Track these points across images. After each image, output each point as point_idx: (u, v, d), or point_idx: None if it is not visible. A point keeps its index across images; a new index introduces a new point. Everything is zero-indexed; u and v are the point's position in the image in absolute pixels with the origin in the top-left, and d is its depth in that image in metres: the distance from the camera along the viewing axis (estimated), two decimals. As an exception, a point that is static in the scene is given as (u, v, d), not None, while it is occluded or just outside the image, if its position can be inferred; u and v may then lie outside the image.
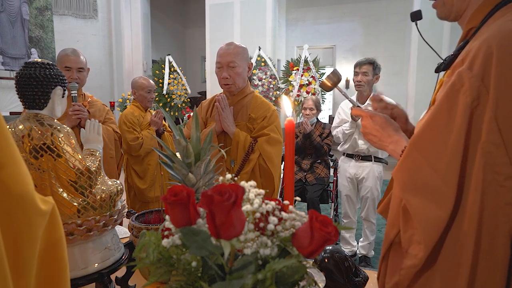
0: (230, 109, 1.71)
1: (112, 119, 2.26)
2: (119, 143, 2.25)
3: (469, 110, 0.65)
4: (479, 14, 0.78)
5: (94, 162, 0.99)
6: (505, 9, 0.74)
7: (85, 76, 2.09)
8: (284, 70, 5.79)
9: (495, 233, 0.63)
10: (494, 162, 0.63)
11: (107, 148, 2.08)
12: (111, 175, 2.06)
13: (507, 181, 0.62)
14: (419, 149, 0.72)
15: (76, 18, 6.18)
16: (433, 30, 4.74)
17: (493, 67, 0.64)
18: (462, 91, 0.67)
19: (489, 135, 0.63)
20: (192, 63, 10.66)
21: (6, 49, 4.73)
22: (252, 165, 1.66)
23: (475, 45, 0.69)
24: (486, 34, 0.69)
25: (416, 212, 0.70)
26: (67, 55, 2.02)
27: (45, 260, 0.52)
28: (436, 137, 0.70)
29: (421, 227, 0.69)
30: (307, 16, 9.27)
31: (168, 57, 6.27)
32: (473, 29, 0.79)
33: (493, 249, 0.63)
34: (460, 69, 0.69)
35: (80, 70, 2.04)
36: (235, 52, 1.67)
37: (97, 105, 2.19)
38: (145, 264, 0.47)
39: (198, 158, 0.88)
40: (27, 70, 0.93)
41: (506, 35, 0.66)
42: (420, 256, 0.69)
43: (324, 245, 0.45)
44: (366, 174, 2.96)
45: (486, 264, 0.64)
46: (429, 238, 0.68)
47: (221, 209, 0.41)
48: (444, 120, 0.69)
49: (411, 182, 0.73)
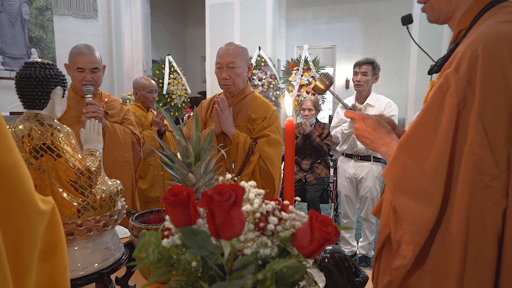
0: (229, 110, 1.71)
1: (130, 119, 2.01)
2: (138, 145, 1.99)
3: (455, 112, 0.66)
4: (468, 15, 0.78)
5: (94, 162, 0.98)
6: (495, 10, 0.74)
7: (100, 76, 1.83)
8: (284, 70, 5.79)
9: (483, 233, 0.64)
10: (480, 163, 0.63)
11: (122, 151, 1.83)
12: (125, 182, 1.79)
13: (493, 182, 0.63)
14: (407, 150, 0.73)
15: (76, 18, 6.17)
16: (433, 31, 4.75)
17: (479, 69, 0.65)
18: (448, 93, 0.67)
19: (475, 136, 0.64)
20: (192, 63, 10.65)
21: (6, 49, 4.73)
22: (252, 167, 1.66)
23: (462, 47, 0.70)
24: (473, 36, 0.70)
25: (405, 212, 0.71)
26: (80, 53, 1.75)
27: (45, 260, 0.52)
28: (424, 138, 0.71)
29: (409, 227, 0.70)
30: (307, 16, 9.26)
31: (168, 57, 6.26)
32: (463, 31, 0.79)
33: (481, 248, 0.64)
34: (447, 72, 0.69)
35: (94, 70, 1.78)
36: (234, 52, 1.67)
37: (115, 106, 1.96)
38: (145, 264, 0.47)
39: (198, 158, 0.88)
40: (27, 70, 0.93)
41: (492, 38, 0.66)
42: (409, 256, 0.70)
43: (324, 245, 0.45)
44: (365, 174, 2.96)
45: (474, 264, 0.64)
46: (417, 238, 0.69)
47: (221, 209, 0.41)
48: (431, 121, 0.70)
49: (400, 183, 0.74)
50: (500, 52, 0.64)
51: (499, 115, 0.63)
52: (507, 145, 0.63)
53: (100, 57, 1.86)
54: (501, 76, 0.63)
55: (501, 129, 0.63)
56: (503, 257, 0.64)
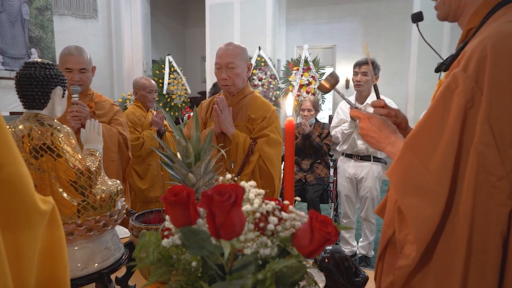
0: (229, 110, 1.71)
1: (119, 119, 2.03)
2: (125, 146, 2.01)
3: (463, 111, 0.66)
4: (478, 14, 0.78)
5: (94, 162, 0.99)
6: (505, 9, 0.74)
7: (88, 77, 1.88)
8: (284, 70, 5.79)
9: (487, 233, 0.63)
10: (486, 163, 0.63)
11: (108, 150, 1.85)
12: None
13: (499, 182, 0.62)
14: (413, 149, 0.73)
15: (76, 18, 6.17)
16: (433, 31, 4.73)
17: (487, 69, 0.64)
18: (456, 92, 0.67)
19: (482, 136, 0.63)
20: (192, 63, 10.66)
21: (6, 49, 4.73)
22: (252, 167, 1.66)
23: (471, 46, 0.69)
24: (483, 35, 0.69)
25: (409, 211, 0.71)
26: (69, 54, 1.81)
27: (45, 260, 0.52)
28: (430, 137, 0.70)
29: (414, 226, 0.70)
30: (307, 16, 9.27)
31: (168, 57, 6.26)
32: (473, 29, 0.79)
33: (486, 249, 0.63)
34: (455, 71, 0.69)
35: (82, 71, 1.82)
36: (234, 53, 1.67)
37: (104, 107, 1.98)
38: (145, 264, 0.47)
39: (198, 158, 0.88)
40: (27, 70, 0.93)
41: (501, 37, 0.66)
42: (413, 256, 0.69)
43: (324, 245, 0.45)
44: (365, 174, 2.96)
45: (479, 265, 0.64)
46: (421, 237, 0.68)
47: (221, 209, 0.41)
48: (438, 120, 0.70)
49: (405, 182, 0.73)
50: (509, 52, 0.64)
51: (507, 115, 0.62)
52: None
53: (90, 58, 1.90)
54: (509, 76, 0.63)
55: (508, 129, 0.62)
56: (508, 259, 0.63)
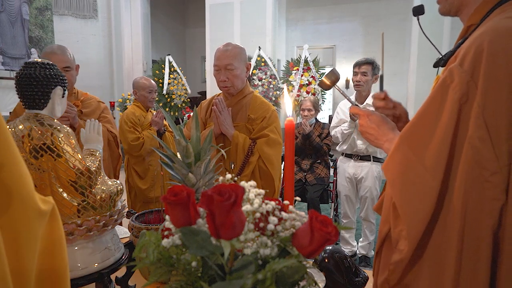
0: (228, 111, 1.71)
1: (107, 117, 2.04)
2: (115, 144, 2.03)
3: (457, 105, 0.66)
4: (480, 11, 0.78)
5: (94, 162, 0.98)
6: (505, 6, 0.74)
7: (73, 76, 1.87)
8: (284, 70, 5.79)
9: (479, 227, 0.64)
10: (480, 157, 0.63)
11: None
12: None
13: (492, 177, 0.63)
14: (408, 142, 0.73)
15: (76, 18, 6.17)
16: (433, 28, 4.73)
17: (483, 64, 0.64)
18: (451, 87, 0.67)
19: (476, 130, 0.64)
20: (192, 63, 10.66)
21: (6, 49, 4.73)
22: (251, 167, 1.66)
23: (468, 42, 0.69)
24: (480, 31, 0.70)
25: (402, 205, 0.71)
26: (52, 52, 1.81)
27: (45, 260, 0.52)
28: (425, 131, 0.71)
29: (406, 220, 0.70)
30: (307, 16, 9.26)
31: (168, 57, 6.26)
32: (473, 26, 0.79)
33: (477, 243, 0.64)
34: (452, 66, 0.69)
35: (66, 69, 1.81)
36: (232, 54, 1.66)
37: (91, 104, 1.98)
38: (145, 264, 0.47)
39: (198, 158, 0.88)
40: (27, 70, 0.93)
41: (498, 33, 0.66)
42: (406, 251, 0.70)
43: (324, 245, 0.45)
44: (365, 174, 2.95)
45: (471, 258, 0.64)
46: (413, 231, 0.69)
47: (221, 209, 0.41)
48: (433, 114, 0.70)
49: (399, 175, 0.74)
50: (505, 48, 0.64)
51: (501, 110, 0.63)
52: (508, 140, 0.62)
53: (73, 57, 1.90)
54: (505, 72, 0.63)
55: (503, 124, 0.63)
56: (502, 253, 0.64)
